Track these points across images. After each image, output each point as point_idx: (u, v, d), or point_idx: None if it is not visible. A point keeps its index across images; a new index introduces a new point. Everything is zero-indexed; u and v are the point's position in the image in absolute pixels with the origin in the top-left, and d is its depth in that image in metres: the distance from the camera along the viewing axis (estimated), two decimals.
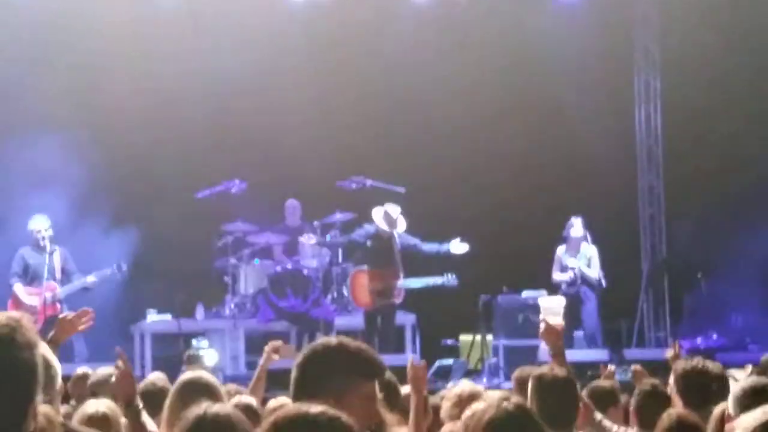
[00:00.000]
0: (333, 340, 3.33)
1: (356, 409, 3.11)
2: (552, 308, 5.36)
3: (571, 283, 12.63)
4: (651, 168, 15.35)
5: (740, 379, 4.91)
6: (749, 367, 6.26)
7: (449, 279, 12.29)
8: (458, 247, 12.37)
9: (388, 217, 12.45)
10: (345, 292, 13.31)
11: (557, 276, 12.80)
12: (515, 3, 14.80)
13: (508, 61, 14.56)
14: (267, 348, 6.79)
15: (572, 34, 14.64)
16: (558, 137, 14.83)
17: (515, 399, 3.87)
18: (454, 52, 14.58)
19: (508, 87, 14.53)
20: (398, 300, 12.46)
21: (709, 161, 14.78)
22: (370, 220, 12.63)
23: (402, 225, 12.53)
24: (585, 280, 12.63)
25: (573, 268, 12.56)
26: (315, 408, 2.57)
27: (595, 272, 12.65)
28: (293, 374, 3.26)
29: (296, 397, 3.18)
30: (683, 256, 14.99)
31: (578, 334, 12.88)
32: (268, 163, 14.17)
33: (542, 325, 5.12)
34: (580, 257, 12.67)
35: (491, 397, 3.99)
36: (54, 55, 13.56)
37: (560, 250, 12.88)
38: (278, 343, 6.89)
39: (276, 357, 6.70)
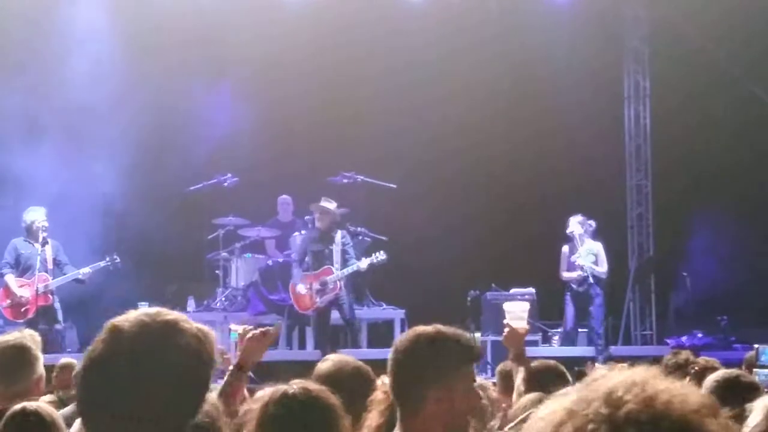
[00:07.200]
0: (429, 328, 3.31)
1: (463, 394, 3.23)
2: (516, 312, 5.32)
3: (581, 282, 12.66)
4: (639, 167, 15.42)
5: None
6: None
7: (377, 257, 12.21)
8: (364, 263, 12.04)
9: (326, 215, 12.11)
10: None
11: (566, 274, 12.81)
12: (507, 3, 14.87)
13: (499, 60, 14.63)
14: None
15: (562, 34, 14.74)
16: (547, 136, 14.91)
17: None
18: (447, 51, 14.63)
19: (499, 86, 14.61)
20: (336, 291, 12.03)
21: (697, 160, 14.90)
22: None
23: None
24: (594, 277, 12.64)
25: (582, 266, 12.58)
26: (297, 386, 2.82)
27: (603, 267, 12.70)
28: (397, 361, 3.26)
29: (397, 384, 3.24)
30: (670, 254, 15.12)
31: (582, 332, 12.99)
32: (259, 157, 14.26)
33: (506, 330, 5.04)
34: (587, 254, 12.70)
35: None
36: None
37: (566, 249, 12.90)
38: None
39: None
